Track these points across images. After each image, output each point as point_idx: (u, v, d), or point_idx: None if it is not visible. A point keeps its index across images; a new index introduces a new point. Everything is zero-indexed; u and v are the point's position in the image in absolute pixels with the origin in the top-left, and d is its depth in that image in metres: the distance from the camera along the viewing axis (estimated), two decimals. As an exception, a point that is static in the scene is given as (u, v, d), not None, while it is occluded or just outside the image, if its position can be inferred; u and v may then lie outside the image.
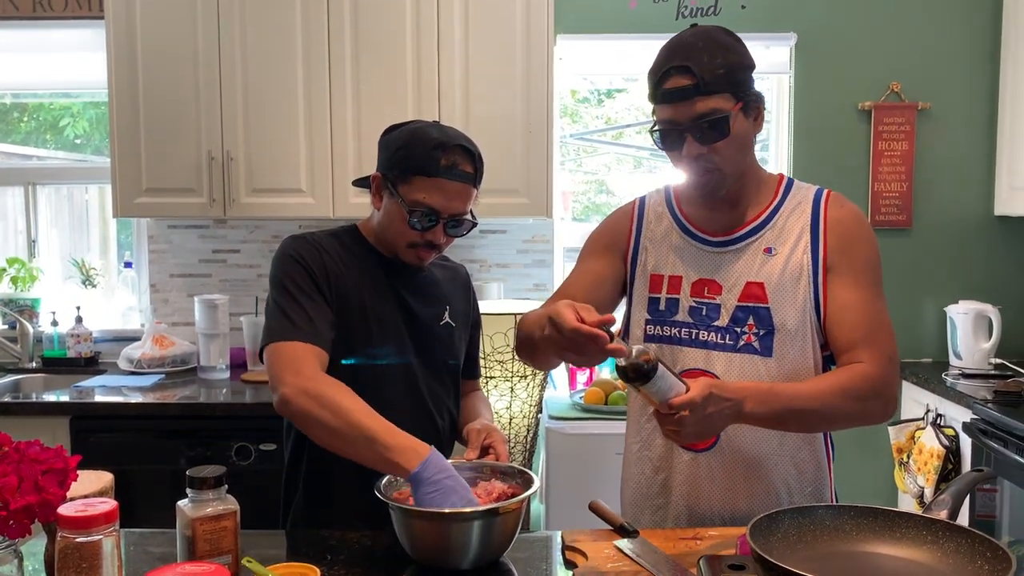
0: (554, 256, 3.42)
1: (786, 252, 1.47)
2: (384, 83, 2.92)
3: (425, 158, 1.52)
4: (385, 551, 1.36)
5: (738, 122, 1.41)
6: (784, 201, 1.52)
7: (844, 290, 1.45)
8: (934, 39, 3.29)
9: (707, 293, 1.50)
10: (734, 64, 1.40)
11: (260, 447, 2.66)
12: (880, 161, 3.31)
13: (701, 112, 1.38)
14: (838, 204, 1.50)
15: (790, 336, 1.45)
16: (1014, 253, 3.35)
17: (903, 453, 3.03)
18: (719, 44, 1.40)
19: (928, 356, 3.38)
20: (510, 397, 2.59)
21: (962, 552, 1.06)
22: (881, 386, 1.41)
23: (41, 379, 3.25)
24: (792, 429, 1.46)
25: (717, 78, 1.38)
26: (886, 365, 1.42)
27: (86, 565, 1.01)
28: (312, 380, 1.42)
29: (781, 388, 1.39)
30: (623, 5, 3.28)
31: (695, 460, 1.50)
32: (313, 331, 1.49)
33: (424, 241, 1.57)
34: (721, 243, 1.52)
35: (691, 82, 1.38)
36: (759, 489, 1.48)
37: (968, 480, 1.24)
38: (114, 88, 2.96)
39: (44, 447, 1.14)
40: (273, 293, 1.55)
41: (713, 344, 1.49)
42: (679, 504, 1.52)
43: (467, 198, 1.58)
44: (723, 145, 1.41)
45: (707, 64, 1.38)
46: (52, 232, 3.63)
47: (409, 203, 1.53)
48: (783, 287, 1.46)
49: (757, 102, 1.44)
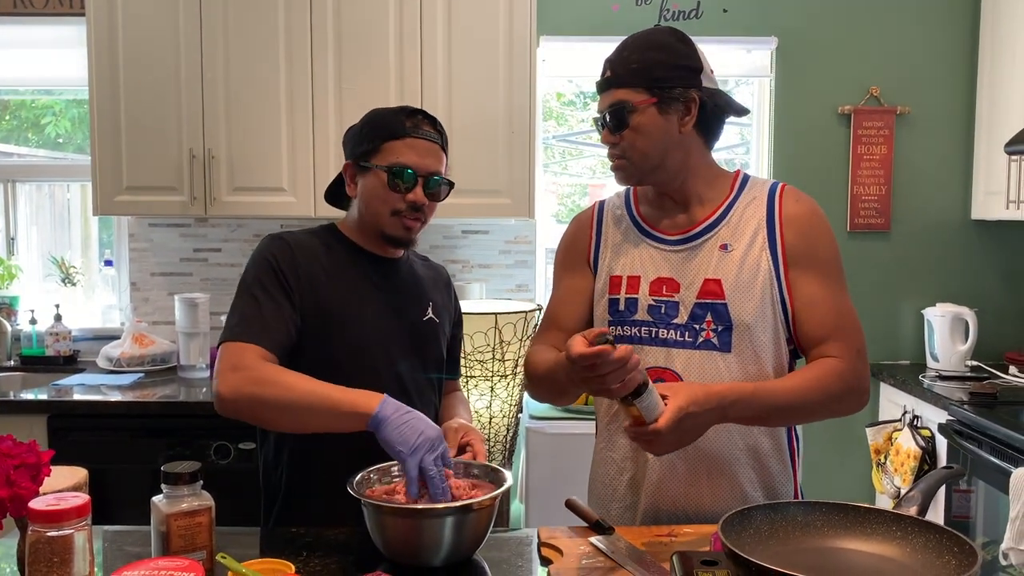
0: (536, 257, 3.42)
1: (742, 248, 1.49)
2: (367, 83, 2.92)
3: (390, 123, 1.58)
4: (360, 547, 1.36)
5: (647, 116, 1.46)
6: (739, 197, 1.54)
7: (810, 285, 1.47)
8: (913, 44, 3.33)
9: (665, 291, 1.52)
10: (654, 61, 1.45)
11: (239, 446, 2.66)
12: (859, 165, 3.34)
13: (610, 103, 1.48)
14: (794, 198, 1.52)
15: (748, 331, 1.47)
16: (990, 257, 3.39)
17: (880, 454, 3.06)
18: (651, 43, 1.48)
19: (905, 358, 3.41)
20: (490, 396, 2.60)
21: (930, 547, 1.08)
22: (854, 381, 1.46)
23: (19, 377, 3.22)
24: (771, 424, 1.50)
25: (630, 71, 1.46)
26: (856, 359, 1.46)
27: (57, 560, 1.00)
28: (249, 369, 1.43)
29: (764, 391, 1.40)
30: (606, 7, 3.30)
31: (659, 459, 1.51)
32: (263, 332, 1.48)
33: (407, 204, 1.57)
34: (677, 241, 1.54)
35: (608, 75, 1.49)
36: (723, 486, 1.49)
37: (938, 477, 1.25)
38: (95, 85, 2.94)
39: (17, 442, 1.13)
40: (236, 292, 1.56)
41: (672, 342, 1.50)
42: (645, 502, 1.53)
43: (439, 158, 1.61)
44: (629, 134, 1.47)
45: (625, 58, 1.48)
46: (32, 230, 3.60)
47: (386, 167, 1.56)
48: (740, 283, 1.47)
49: (682, 100, 1.47)
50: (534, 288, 3.42)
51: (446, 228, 3.38)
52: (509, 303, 2.89)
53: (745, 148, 3.60)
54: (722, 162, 1.84)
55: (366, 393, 1.39)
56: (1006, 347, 3.31)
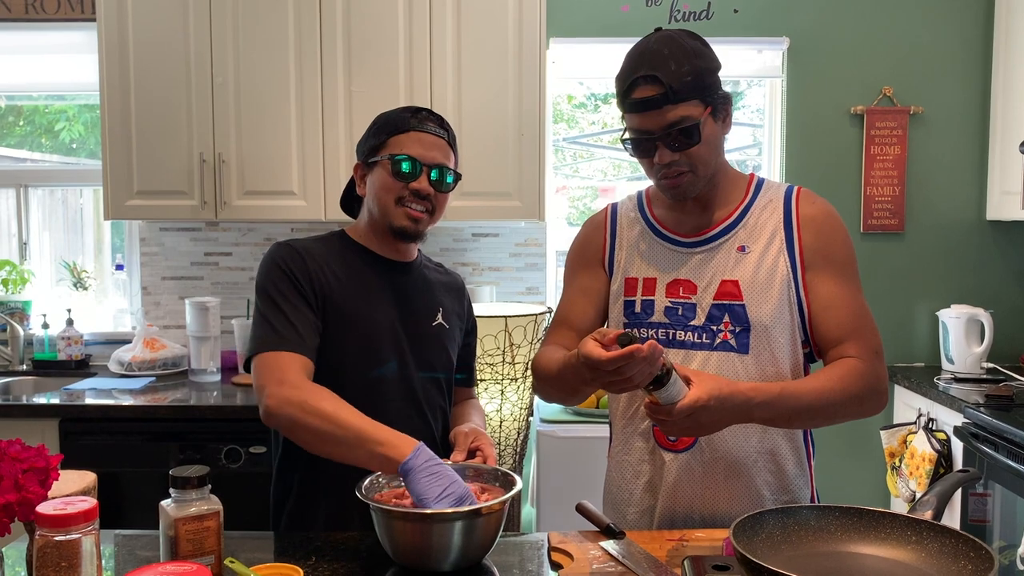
0: (546, 259, 3.41)
1: (759, 250, 1.48)
2: (377, 87, 2.92)
3: (395, 120, 1.61)
4: (370, 552, 1.36)
5: (708, 126, 1.43)
6: (755, 199, 1.53)
7: (826, 287, 1.47)
8: (926, 44, 3.31)
9: (682, 293, 1.51)
10: (701, 69, 1.41)
11: (250, 450, 2.66)
12: (872, 165, 3.31)
13: (671, 121, 1.40)
14: (810, 201, 1.51)
15: (766, 332, 1.46)
16: (1006, 257, 3.36)
17: (895, 457, 3.03)
18: (685, 50, 1.41)
19: (920, 360, 3.38)
20: (500, 400, 2.59)
21: (946, 552, 1.06)
22: (875, 381, 1.44)
23: (31, 381, 3.23)
24: (794, 426, 1.50)
25: (685, 85, 1.39)
26: (875, 360, 1.45)
27: (65, 564, 1.00)
28: (295, 388, 1.44)
29: (789, 392, 1.39)
30: (615, 9, 3.29)
31: (675, 461, 1.50)
32: (297, 339, 1.50)
33: (411, 192, 1.57)
34: (694, 243, 1.53)
35: (659, 91, 1.39)
36: (740, 489, 1.48)
37: (953, 480, 1.23)
38: (106, 90, 2.95)
39: (25, 446, 1.13)
40: (257, 302, 1.57)
41: (690, 344, 1.50)
42: (660, 506, 1.52)
43: (445, 151, 1.62)
44: (695, 150, 1.43)
45: (674, 72, 1.38)
46: (44, 235, 3.62)
47: (390, 156, 1.57)
48: (757, 284, 1.46)
49: (725, 104, 1.46)
50: (544, 291, 3.41)
51: (456, 231, 3.37)
52: (519, 306, 2.88)
53: (757, 149, 3.57)
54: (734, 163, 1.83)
55: (403, 439, 1.36)
56: (1022, 349, 3.28)
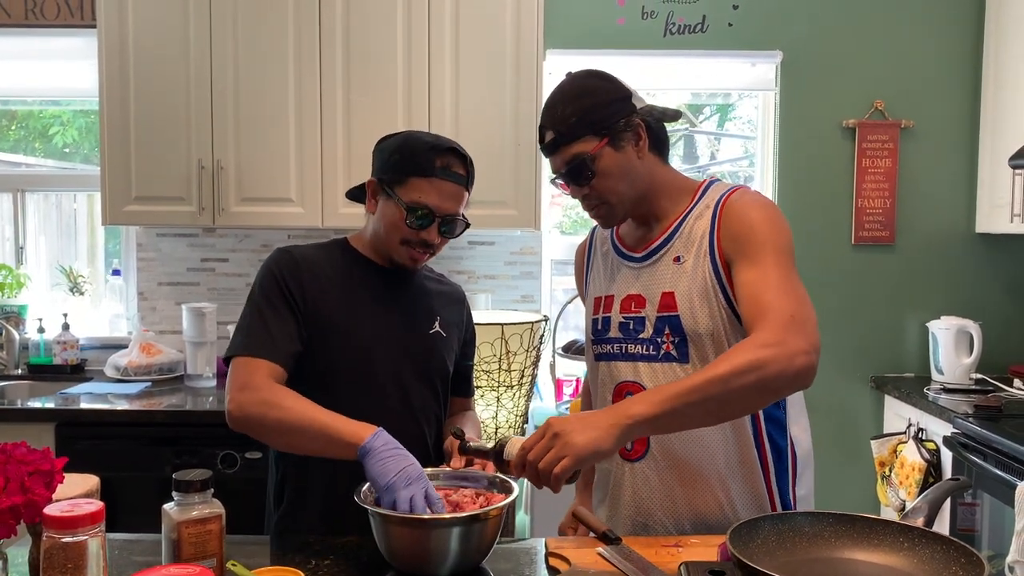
0: (542, 268, 3.44)
1: (691, 258, 1.48)
2: (375, 95, 2.94)
3: (420, 160, 1.58)
4: (369, 556, 1.37)
5: (606, 157, 1.48)
6: (693, 209, 1.52)
7: (741, 276, 1.41)
8: (918, 58, 3.35)
9: (634, 308, 1.54)
10: (587, 107, 1.47)
11: (246, 455, 2.66)
12: (864, 178, 3.35)
13: (566, 159, 1.49)
14: (734, 199, 1.48)
15: (703, 341, 1.46)
16: (995, 269, 3.40)
17: (885, 467, 3.05)
18: (575, 92, 1.50)
19: (910, 371, 3.41)
20: (496, 407, 2.60)
21: (937, 558, 1.08)
22: (774, 342, 1.27)
23: (27, 386, 3.23)
24: (699, 423, 1.37)
25: (571, 127, 1.47)
26: (784, 323, 1.30)
27: (71, 565, 1.01)
28: (256, 390, 1.47)
29: (668, 384, 1.32)
30: (611, 21, 3.32)
31: (632, 470, 1.53)
32: (269, 345, 1.53)
33: (419, 240, 1.60)
34: (642, 258, 1.56)
35: (551, 136, 1.51)
36: (698, 494, 1.49)
37: (944, 488, 1.26)
38: (105, 96, 2.96)
39: (31, 449, 1.15)
40: (244, 306, 1.60)
41: (640, 356, 1.53)
42: (624, 513, 1.55)
43: (460, 199, 1.63)
44: (596, 183, 1.50)
45: (559, 116, 1.49)
46: (40, 239, 3.62)
47: (407, 203, 1.57)
48: (691, 293, 1.47)
49: (628, 129, 1.48)
50: (540, 299, 3.43)
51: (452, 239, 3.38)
52: (515, 314, 2.90)
53: (749, 161, 3.61)
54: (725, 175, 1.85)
55: (363, 425, 1.40)
56: (1011, 360, 3.31)
